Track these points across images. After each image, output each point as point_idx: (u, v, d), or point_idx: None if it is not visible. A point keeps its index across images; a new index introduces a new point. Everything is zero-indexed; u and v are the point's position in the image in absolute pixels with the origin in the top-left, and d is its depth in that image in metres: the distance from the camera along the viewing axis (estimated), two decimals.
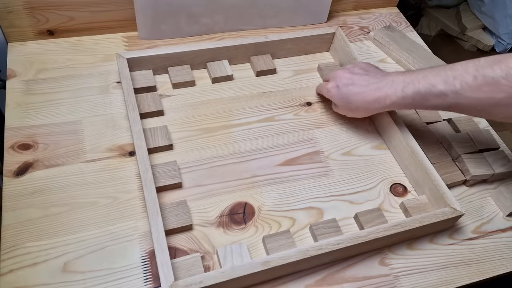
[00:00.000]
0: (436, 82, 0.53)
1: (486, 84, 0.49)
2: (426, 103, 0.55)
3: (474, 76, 0.50)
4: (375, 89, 0.59)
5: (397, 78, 0.58)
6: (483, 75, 0.49)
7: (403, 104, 0.57)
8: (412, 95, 0.55)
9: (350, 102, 0.62)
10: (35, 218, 0.54)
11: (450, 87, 0.52)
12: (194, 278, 0.47)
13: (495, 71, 0.48)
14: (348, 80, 0.62)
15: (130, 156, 0.62)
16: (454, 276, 0.56)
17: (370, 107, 0.61)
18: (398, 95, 0.57)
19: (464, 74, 0.51)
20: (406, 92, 0.56)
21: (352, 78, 0.62)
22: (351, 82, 0.62)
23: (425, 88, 0.54)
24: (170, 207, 0.56)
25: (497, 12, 1.69)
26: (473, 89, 0.50)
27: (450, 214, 0.56)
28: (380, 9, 0.93)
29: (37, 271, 0.50)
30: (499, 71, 0.48)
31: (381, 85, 0.59)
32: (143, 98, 0.67)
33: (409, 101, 0.56)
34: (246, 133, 0.67)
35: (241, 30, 0.82)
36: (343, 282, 0.54)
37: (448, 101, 0.53)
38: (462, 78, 0.51)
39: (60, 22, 0.73)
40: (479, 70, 0.50)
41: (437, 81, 0.53)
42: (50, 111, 0.65)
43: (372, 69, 0.63)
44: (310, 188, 0.62)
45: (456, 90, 0.51)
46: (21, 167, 0.58)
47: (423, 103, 0.55)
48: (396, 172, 0.65)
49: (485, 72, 0.49)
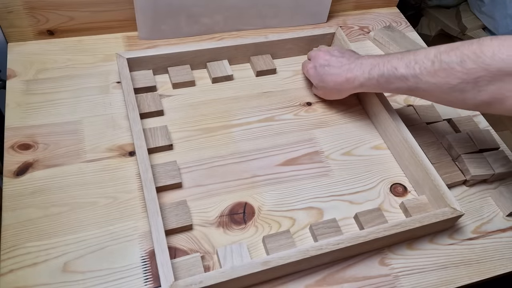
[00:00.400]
0: (399, 65, 0.56)
1: (442, 69, 0.51)
2: (390, 85, 0.58)
3: (432, 61, 0.52)
4: (346, 70, 0.62)
5: (366, 61, 0.61)
6: (440, 60, 0.51)
7: (370, 86, 0.60)
8: (377, 77, 0.58)
9: (325, 82, 0.65)
10: (35, 218, 0.54)
11: (411, 71, 0.54)
12: (194, 278, 0.47)
13: (451, 57, 0.50)
14: (325, 61, 0.66)
15: (130, 156, 0.62)
16: (454, 276, 0.56)
17: (342, 87, 0.64)
18: (365, 77, 0.60)
19: (424, 59, 0.53)
20: (372, 74, 0.59)
21: (329, 60, 0.65)
22: (327, 63, 0.65)
23: (388, 71, 0.57)
24: (170, 207, 0.56)
25: (497, 12, 1.69)
26: (431, 73, 0.52)
27: (450, 214, 0.56)
28: (380, 9, 0.93)
29: (37, 271, 0.50)
30: (454, 57, 0.50)
31: (352, 67, 0.62)
32: (143, 98, 0.67)
33: (374, 83, 0.59)
34: (246, 133, 0.67)
35: (241, 30, 0.82)
36: (343, 282, 0.54)
37: (408, 85, 0.55)
38: (422, 63, 0.53)
39: (60, 22, 0.73)
40: (437, 56, 0.51)
41: (399, 64, 0.56)
42: (50, 111, 0.65)
43: (348, 52, 0.66)
44: (310, 188, 0.62)
45: (415, 74, 0.54)
46: (21, 167, 0.58)
47: (387, 85, 0.58)
48: (396, 172, 0.65)
49: (442, 58, 0.51)
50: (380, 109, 0.67)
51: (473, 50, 0.48)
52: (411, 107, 0.72)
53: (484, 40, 0.48)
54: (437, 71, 0.51)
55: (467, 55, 0.49)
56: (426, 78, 0.53)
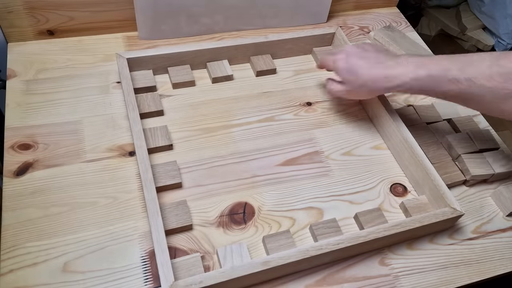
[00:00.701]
0: (451, 67, 0.52)
1: (499, 74, 0.48)
2: (438, 88, 0.53)
3: (489, 65, 0.49)
4: (386, 66, 0.57)
5: (410, 58, 0.56)
6: (497, 64, 0.48)
7: (412, 87, 0.55)
8: (425, 78, 0.54)
9: (357, 75, 0.59)
10: (35, 218, 0.54)
11: (464, 74, 0.51)
12: (194, 278, 0.47)
13: (511, 62, 0.48)
14: (358, 53, 0.60)
15: (130, 156, 0.62)
16: (454, 276, 0.56)
17: (377, 85, 0.58)
18: (410, 76, 0.55)
19: (479, 63, 0.50)
20: (419, 74, 0.54)
21: (363, 54, 0.60)
22: (362, 56, 0.59)
23: (438, 72, 0.53)
24: (170, 207, 0.56)
25: (497, 12, 1.69)
26: (487, 77, 0.49)
27: (450, 214, 0.56)
28: (380, 9, 0.93)
29: (37, 271, 0.50)
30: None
31: (392, 64, 0.57)
32: (143, 98, 0.67)
33: (420, 84, 0.54)
34: (246, 133, 0.67)
35: (241, 30, 0.82)
36: (343, 282, 0.54)
37: (461, 88, 0.51)
38: (477, 65, 0.50)
39: (60, 22, 0.74)
40: (494, 60, 0.49)
41: (451, 66, 0.52)
42: (50, 111, 0.65)
43: (383, 50, 0.61)
44: (310, 188, 0.62)
45: (469, 78, 0.50)
46: (21, 167, 0.59)
47: (435, 87, 0.54)
48: (396, 172, 0.65)
49: (500, 62, 0.48)
50: (380, 109, 0.67)
51: None
52: (411, 107, 0.72)
53: None
54: (494, 75, 0.48)
55: None
56: (481, 82, 0.49)
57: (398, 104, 0.74)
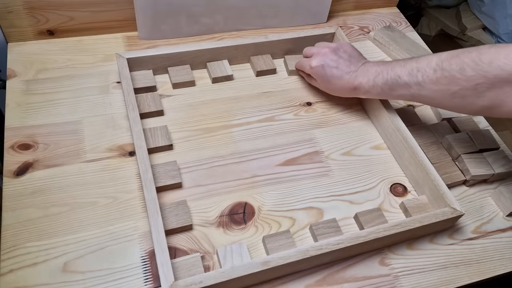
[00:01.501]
0: (402, 73, 0.57)
1: (443, 77, 0.53)
2: (393, 92, 0.59)
3: (434, 69, 0.54)
4: (354, 77, 0.63)
5: (371, 68, 0.62)
6: (441, 68, 0.53)
7: (373, 93, 0.62)
8: (381, 85, 0.60)
9: (330, 83, 0.66)
10: (35, 218, 0.54)
11: (413, 79, 0.56)
12: (194, 278, 0.47)
13: (452, 65, 0.52)
14: (333, 62, 0.65)
15: (130, 156, 0.62)
16: (454, 276, 0.56)
17: (347, 93, 0.65)
18: (370, 84, 0.61)
19: (426, 67, 0.55)
20: (376, 82, 0.60)
21: (338, 61, 0.65)
22: (336, 65, 0.65)
23: (392, 79, 0.58)
24: (170, 207, 0.56)
25: (497, 12, 1.69)
26: (433, 81, 0.54)
27: (450, 214, 0.56)
28: (380, 9, 0.93)
29: (37, 271, 0.50)
30: (454, 65, 0.52)
31: (358, 74, 0.63)
32: (143, 98, 0.67)
33: (378, 91, 0.61)
34: (246, 133, 0.67)
35: (241, 30, 0.82)
36: (343, 282, 0.54)
37: (411, 92, 0.57)
38: (424, 71, 0.55)
39: (60, 22, 0.74)
40: (439, 64, 0.53)
41: (403, 72, 0.57)
42: (50, 111, 0.65)
43: (355, 55, 0.66)
44: (310, 188, 0.62)
45: (418, 82, 0.56)
46: (21, 167, 0.59)
47: (390, 92, 0.59)
48: (396, 172, 0.65)
49: (444, 66, 0.53)
50: (380, 109, 0.67)
51: (472, 58, 0.50)
52: (411, 107, 0.72)
53: (482, 48, 0.50)
54: (439, 78, 0.53)
55: (466, 63, 0.50)
56: (429, 86, 0.55)
57: (398, 104, 0.74)
